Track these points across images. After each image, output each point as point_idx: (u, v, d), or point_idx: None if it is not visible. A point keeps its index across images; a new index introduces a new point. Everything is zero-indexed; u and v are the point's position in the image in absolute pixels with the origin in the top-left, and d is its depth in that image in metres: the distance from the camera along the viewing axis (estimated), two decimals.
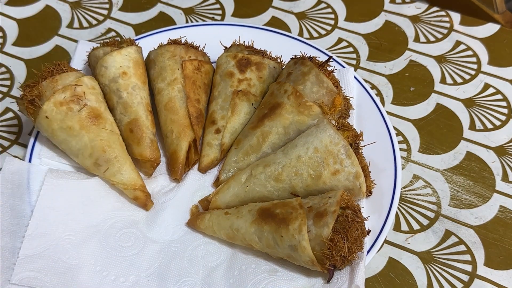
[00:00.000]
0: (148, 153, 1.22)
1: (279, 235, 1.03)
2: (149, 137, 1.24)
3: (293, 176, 1.12)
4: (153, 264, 1.11)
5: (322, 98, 1.20)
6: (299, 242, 1.01)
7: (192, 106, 1.27)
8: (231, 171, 1.23)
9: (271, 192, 1.14)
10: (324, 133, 1.11)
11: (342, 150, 1.09)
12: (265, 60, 1.32)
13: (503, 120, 1.39)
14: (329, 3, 1.67)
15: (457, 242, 1.19)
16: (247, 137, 1.24)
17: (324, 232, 0.99)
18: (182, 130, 1.24)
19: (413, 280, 1.13)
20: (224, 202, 1.18)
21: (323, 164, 1.10)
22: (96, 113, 1.19)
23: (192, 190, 1.23)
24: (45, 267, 1.06)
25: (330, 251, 0.99)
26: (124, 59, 1.27)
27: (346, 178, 1.09)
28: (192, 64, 1.30)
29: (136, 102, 1.25)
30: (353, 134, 1.13)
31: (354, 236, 1.00)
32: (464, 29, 1.59)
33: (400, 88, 1.46)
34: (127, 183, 1.17)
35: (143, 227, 1.16)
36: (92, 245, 1.11)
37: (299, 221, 1.02)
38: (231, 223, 1.10)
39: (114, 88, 1.25)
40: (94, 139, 1.17)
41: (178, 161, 1.22)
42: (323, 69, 1.22)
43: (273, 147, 1.21)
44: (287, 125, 1.20)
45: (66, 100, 1.17)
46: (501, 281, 1.13)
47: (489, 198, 1.25)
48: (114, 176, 1.17)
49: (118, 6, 1.65)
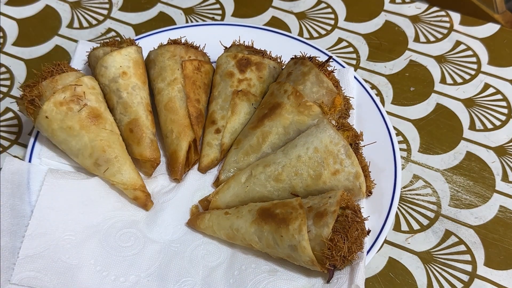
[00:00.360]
0: (148, 153, 1.22)
1: (279, 235, 1.03)
2: (149, 137, 1.24)
3: (293, 176, 1.12)
4: (153, 264, 1.11)
5: (322, 98, 1.20)
6: (299, 242, 1.01)
7: (192, 106, 1.27)
8: (231, 171, 1.23)
9: (271, 192, 1.14)
10: (324, 133, 1.11)
11: (342, 150, 1.09)
12: (265, 60, 1.32)
13: (503, 120, 1.39)
14: (329, 3, 1.67)
15: (457, 242, 1.19)
16: (247, 137, 1.24)
17: (324, 232, 0.99)
18: (182, 130, 1.24)
19: (413, 280, 1.13)
20: (224, 202, 1.18)
21: (323, 164, 1.10)
22: (96, 113, 1.19)
23: (192, 190, 1.23)
24: (45, 267, 1.06)
25: (330, 251, 0.99)
26: (124, 59, 1.27)
27: (346, 178, 1.09)
28: (192, 64, 1.30)
29: (136, 102, 1.25)
30: (353, 134, 1.13)
31: (354, 236, 1.00)
32: (464, 29, 1.59)
33: (400, 88, 1.46)
34: (127, 183, 1.17)
35: (143, 227, 1.16)
36: (92, 245, 1.11)
37: (299, 221, 1.02)
38: (231, 223, 1.10)
39: (114, 88, 1.25)
40: (94, 139, 1.17)
41: (178, 161, 1.22)
42: (323, 69, 1.22)
43: (273, 147, 1.21)
44: (287, 125, 1.20)
45: (66, 100, 1.17)
46: (501, 281, 1.13)
47: (489, 198, 1.25)
48: (114, 176, 1.17)
49: (118, 6, 1.65)
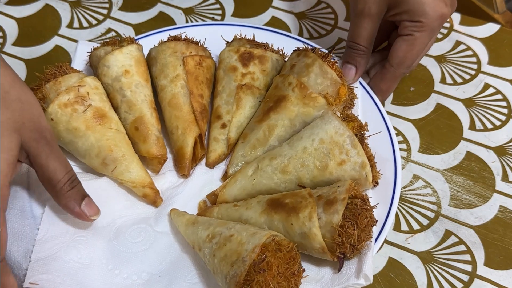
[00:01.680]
0: (155, 150, 1.22)
1: (289, 223, 1.03)
2: (155, 134, 1.24)
3: (300, 168, 1.12)
4: (164, 259, 1.11)
5: (326, 89, 1.20)
6: (309, 229, 1.01)
7: (196, 102, 1.27)
8: (239, 165, 1.23)
9: (278, 184, 1.15)
10: (329, 124, 1.12)
11: (348, 141, 1.10)
12: (267, 53, 1.32)
13: (503, 120, 1.39)
14: (329, 3, 1.67)
15: (457, 242, 1.19)
16: (253, 131, 1.24)
17: (334, 219, 1.00)
18: (187, 126, 1.24)
19: (413, 280, 1.13)
20: (231, 196, 1.18)
21: (329, 155, 1.10)
22: (101, 113, 1.20)
23: (200, 185, 1.23)
24: (57, 269, 1.05)
25: (340, 238, 0.99)
26: (126, 57, 1.27)
27: (352, 168, 1.10)
28: (193, 59, 1.30)
29: (140, 100, 1.25)
30: (358, 124, 1.14)
31: (364, 223, 1.01)
32: (464, 29, 1.59)
33: (400, 88, 1.46)
34: (136, 181, 1.17)
35: (152, 222, 1.17)
36: (103, 244, 1.11)
37: (309, 208, 1.02)
38: (240, 214, 1.11)
39: (117, 87, 1.25)
40: (100, 139, 1.17)
41: (185, 157, 1.23)
42: (326, 60, 1.22)
43: (280, 140, 1.22)
44: (293, 117, 1.21)
45: (70, 101, 1.17)
46: (501, 281, 1.13)
47: (489, 198, 1.25)
48: (122, 175, 1.17)
49: (118, 5, 1.65)
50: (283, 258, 0.96)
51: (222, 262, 0.99)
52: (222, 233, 1.04)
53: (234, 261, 0.97)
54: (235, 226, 1.05)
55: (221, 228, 1.05)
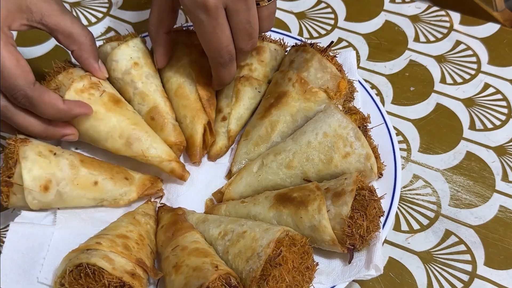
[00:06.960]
0: (173, 138, 1.23)
1: (298, 217, 1.04)
2: (171, 122, 1.25)
3: (305, 162, 1.13)
4: None
5: (327, 84, 1.21)
6: (319, 222, 1.01)
7: (202, 89, 1.27)
8: (243, 163, 1.24)
9: (283, 180, 1.15)
10: (332, 118, 1.12)
11: (351, 133, 1.10)
12: (264, 43, 1.32)
13: (503, 120, 1.39)
14: (329, 3, 1.66)
15: (457, 242, 1.19)
16: (256, 128, 1.24)
17: (343, 210, 1.00)
18: (195, 114, 1.25)
19: (413, 280, 1.13)
20: (237, 193, 1.18)
21: (333, 148, 1.11)
22: (116, 98, 1.21)
23: (204, 184, 1.24)
24: None
25: (350, 229, 1.00)
26: (133, 50, 1.27)
27: (357, 160, 1.10)
28: (197, 48, 1.30)
29: (152, 90, 1.25)
30: (361, 117, 1.15)
31: (373, 214, 1.02)
32: (464, 29, 1.59)
33: (400, 88, 1.46)
34: (162, 155, 1.18)
35: None
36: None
37: (318, 201, 1.03)
38: (248, 210, 1.11)
39: (128, 80, 1.25)
40: (121, 120, 1.18)
41: (196, 145, 1.24)
42: (325, 54, 1.22)
43: (282, 136, 1.22)
44: (295, 112, 1.21)
45: (85, 87, 1.17)
46: (501, 281, 1.13)
47: (489, 198, 1.25)
48: (148, 151, 1.17)
49: (118, 5, 1.64)
50: (297, 253, 0.98)
51: (237, 258, 1.00)
52: (234, 230, 1.05)
53: (249, 257, 0.98)
54: (247, 222, 1.06)
55: (233, 225, 1.06)
